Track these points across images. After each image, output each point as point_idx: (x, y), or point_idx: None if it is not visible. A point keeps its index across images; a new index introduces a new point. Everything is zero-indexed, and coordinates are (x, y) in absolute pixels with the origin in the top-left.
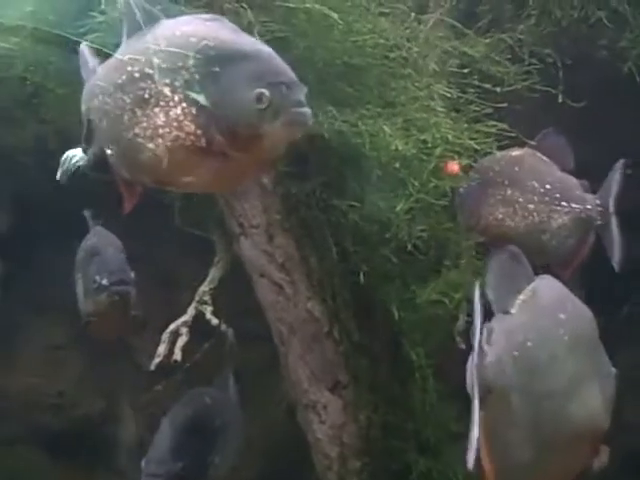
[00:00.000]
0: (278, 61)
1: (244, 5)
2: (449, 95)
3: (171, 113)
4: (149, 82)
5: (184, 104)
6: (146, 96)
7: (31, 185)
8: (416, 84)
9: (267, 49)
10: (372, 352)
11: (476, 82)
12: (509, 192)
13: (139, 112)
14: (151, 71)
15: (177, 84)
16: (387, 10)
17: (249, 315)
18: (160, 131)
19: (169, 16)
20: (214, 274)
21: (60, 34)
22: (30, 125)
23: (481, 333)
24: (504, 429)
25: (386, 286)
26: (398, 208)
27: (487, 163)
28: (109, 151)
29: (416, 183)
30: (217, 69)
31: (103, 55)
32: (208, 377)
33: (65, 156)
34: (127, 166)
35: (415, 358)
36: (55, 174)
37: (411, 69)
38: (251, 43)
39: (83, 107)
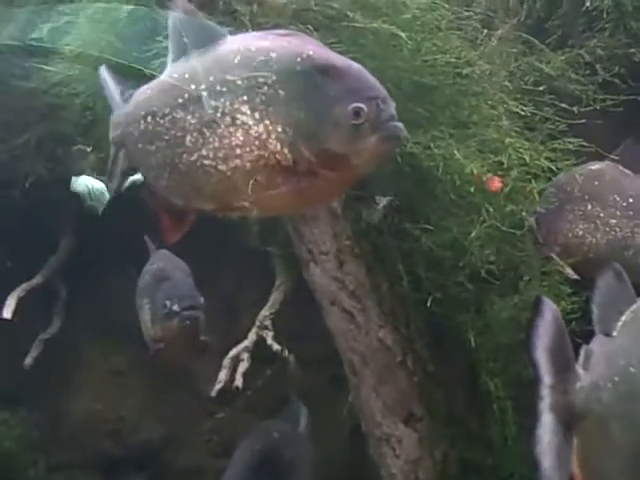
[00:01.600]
0: (369, 76)
1: (309, 27)
2: (523, 113)
3: (251, 132)
4: (222, 100)
5: (267, 121)
6: (218, 115)
7: (91, 210)
8: (489, 102)
9: (356, 64)
10: (447, 383)
11: (551, 99)
12: (589, 207)
13: (207, 132)
14: (224, 89)
15: (258, 101)
16: (457, 28)
17: (308, 339)
18: (237, 151)
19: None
20: (275, 298)
21: (121, 62)
22: (90, 152)
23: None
24: (603, 459)
25: (461, 313)
26: (473, 234)
27: (565, 178)
28: (153, 177)
29: (491, 209)
30: (306, 84)
31: None
32: (270, 403)
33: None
34: (182, 192)
35: (493, 389)
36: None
37: (483, 87)
38: (340, 58)
39: (118, 132)
